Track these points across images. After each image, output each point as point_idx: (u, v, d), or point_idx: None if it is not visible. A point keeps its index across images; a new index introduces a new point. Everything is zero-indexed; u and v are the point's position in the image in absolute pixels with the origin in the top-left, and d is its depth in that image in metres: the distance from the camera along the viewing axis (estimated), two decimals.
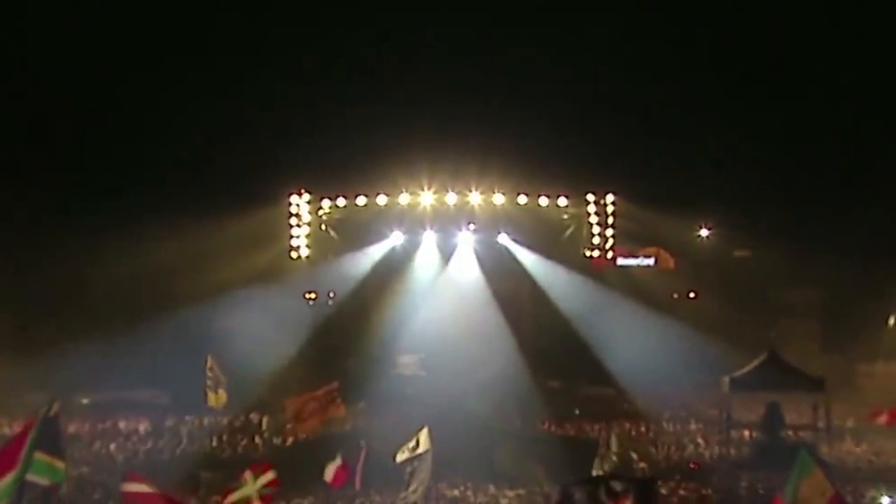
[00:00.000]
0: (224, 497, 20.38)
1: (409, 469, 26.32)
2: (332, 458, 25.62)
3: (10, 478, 14.89)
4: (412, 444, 26.87)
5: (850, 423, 35.92)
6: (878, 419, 34.63)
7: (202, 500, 26.94)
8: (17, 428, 32.73)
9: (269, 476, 20.40)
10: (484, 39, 45.70)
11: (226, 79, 46.40)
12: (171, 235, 41.58)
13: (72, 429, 30.64)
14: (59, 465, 15.91)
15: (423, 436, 26.67)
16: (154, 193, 43.06)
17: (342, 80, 45.80)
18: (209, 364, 31.50)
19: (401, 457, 26.82)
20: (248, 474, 20.19)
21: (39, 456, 15.51)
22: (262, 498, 19.76)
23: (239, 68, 47.22)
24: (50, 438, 15.21)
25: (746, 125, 46.27)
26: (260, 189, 46.03)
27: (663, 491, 28.20)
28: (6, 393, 31.42)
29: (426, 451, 25.91)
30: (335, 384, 28.50)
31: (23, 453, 15.30)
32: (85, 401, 29.19)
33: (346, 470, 23.29)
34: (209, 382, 32.18)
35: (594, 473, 24.86)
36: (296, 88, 45.24)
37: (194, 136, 43.38)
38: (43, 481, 16.43)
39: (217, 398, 32.53)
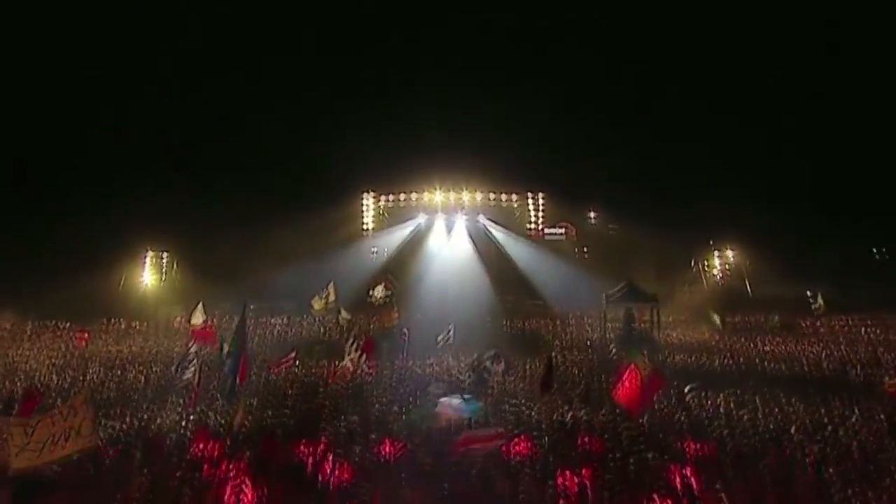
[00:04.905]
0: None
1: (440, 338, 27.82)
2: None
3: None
4: (445, 334, 28.10)
5: (669, 320, 36.61)
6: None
7: (315, 361, 27.60)
8: (217, 322, 33.57)
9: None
10: (475, 92, 45.72)
11: (328, 118, 46.66)
12: (296, 220, 42.28)
13: None
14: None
15: (452, 329, 27.98)
16: (284, 195, 43.45)
17: (393, 122, 45.93)
18: (331, 286, 32.03)
19: (441, 341, 28.01)
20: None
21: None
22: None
23: (335, 112, 47.30)
24: (243, 326, 15.91)
25: (619, 147, 46.36)
26: (345, 191, 46.68)
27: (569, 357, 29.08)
28: (211, 302, 32.11)
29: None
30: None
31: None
32: (252, 307, 29.97)
33: (370, 345, 23.43)
34: (322, 295, 32.69)
35: None
36: (368, 126, 45.47)
37: (305, 160, 43.65)
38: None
39: (319, 305, 32.92)
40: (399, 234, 46.73)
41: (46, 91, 43.05)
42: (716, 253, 46.80)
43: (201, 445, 15.07)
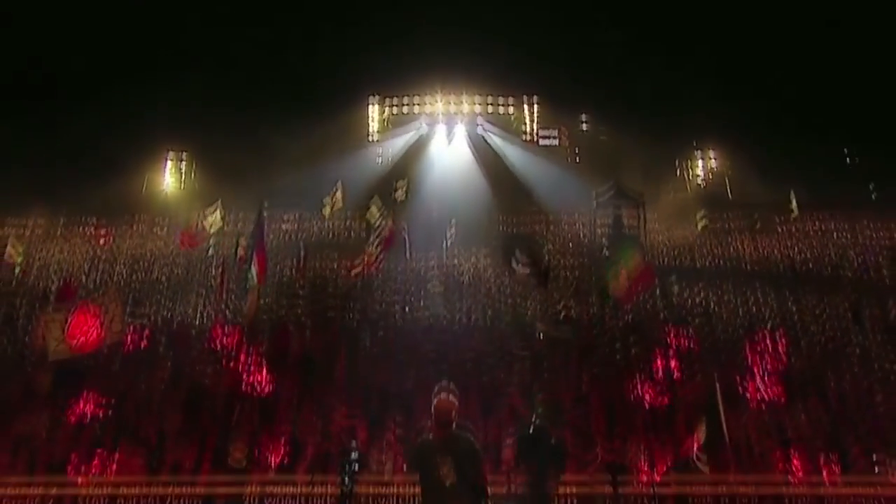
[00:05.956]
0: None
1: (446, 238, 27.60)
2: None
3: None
4: (449, 233, 27.88)
5: (656, 224, 36.34)
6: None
7: (326, 262, 27.52)
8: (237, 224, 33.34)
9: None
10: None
11: (333, 25, 44.87)
12: (304, 126, 41.47)
13: None
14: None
15: (453, 228, 27.69)
16: (292, 101, 42.17)
17: (395, 34, 44.12)
18: (337, 188, 31.62)
19: (448, 242, 27.75)
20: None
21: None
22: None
23: (341, 19, 45.50)
24: (261, 226, 15.64)
25: (606, 56, 44.91)
26: (350, 98, 45.64)
27: (561, 261, 29.05)
28: (226, 204, 31.88)
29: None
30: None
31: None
32: (265, 213, 29.65)
33: (390, 239, 23.15)
34: (331, 198, 32.34)
35: None
36: (369, 37, 43.90)
37: (312, 67, 42.18)
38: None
39: (329, 210, 32.66)
40: (402, 140, 46.13)
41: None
42: (699, 158, 46.39)
43: (220, 337, 15.17)
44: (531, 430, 6.82)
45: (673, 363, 13.05)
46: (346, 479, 5.95)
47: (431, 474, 5.97)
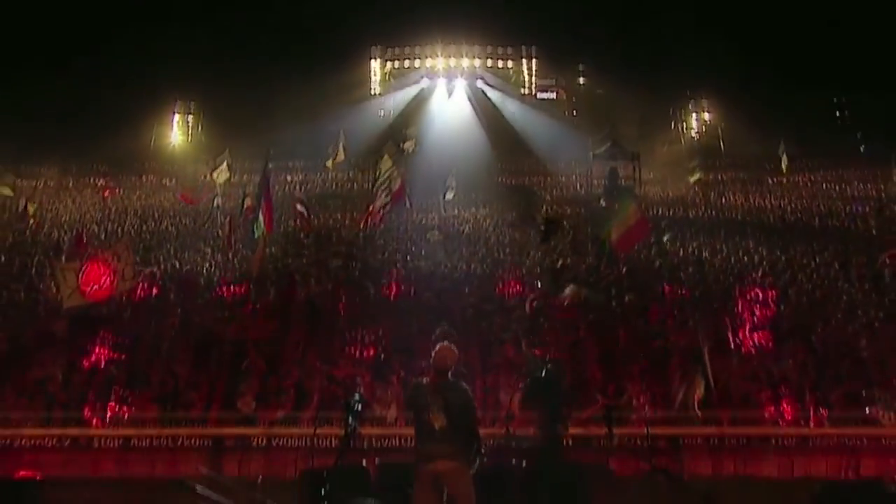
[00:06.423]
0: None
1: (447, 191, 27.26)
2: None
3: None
4: (451, 189, 27.53)
5: (651, 176, 36.19)
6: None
7: (330, 213, 27.43)
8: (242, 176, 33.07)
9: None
10: None
11: None
12: (308, 82, 40.92)
13: None
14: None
15: (453, 181, 27.37)
16: (296, 57, 41.56)
17: None
18: (341, 144, 31.45)
19: (450, 195, 27.46)
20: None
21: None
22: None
23: None
24: (266, 180, 15.50)
25: (604, 9, 43.85)
26: (352, 52, 45.00)
27: (559, 210, 28.90)
28: (236, 157, 31.61)
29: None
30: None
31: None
32: (270, 165, 29.43)
33: (401, 190, 23.01)
34: (333, 152, 32.11)
35: None
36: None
37: (316, 22, 41.53)
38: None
39: (332, 163, 32.49)
40: (403, 97, 45.71)
41: None
42: (693, 114, 45.98)
43: (227, 287, 15.18)
44: (543, 373, 6.83)
45: (667, 313, 13.06)
46: (350, 418, 5.99)
47: (421, 416, 6.05)
